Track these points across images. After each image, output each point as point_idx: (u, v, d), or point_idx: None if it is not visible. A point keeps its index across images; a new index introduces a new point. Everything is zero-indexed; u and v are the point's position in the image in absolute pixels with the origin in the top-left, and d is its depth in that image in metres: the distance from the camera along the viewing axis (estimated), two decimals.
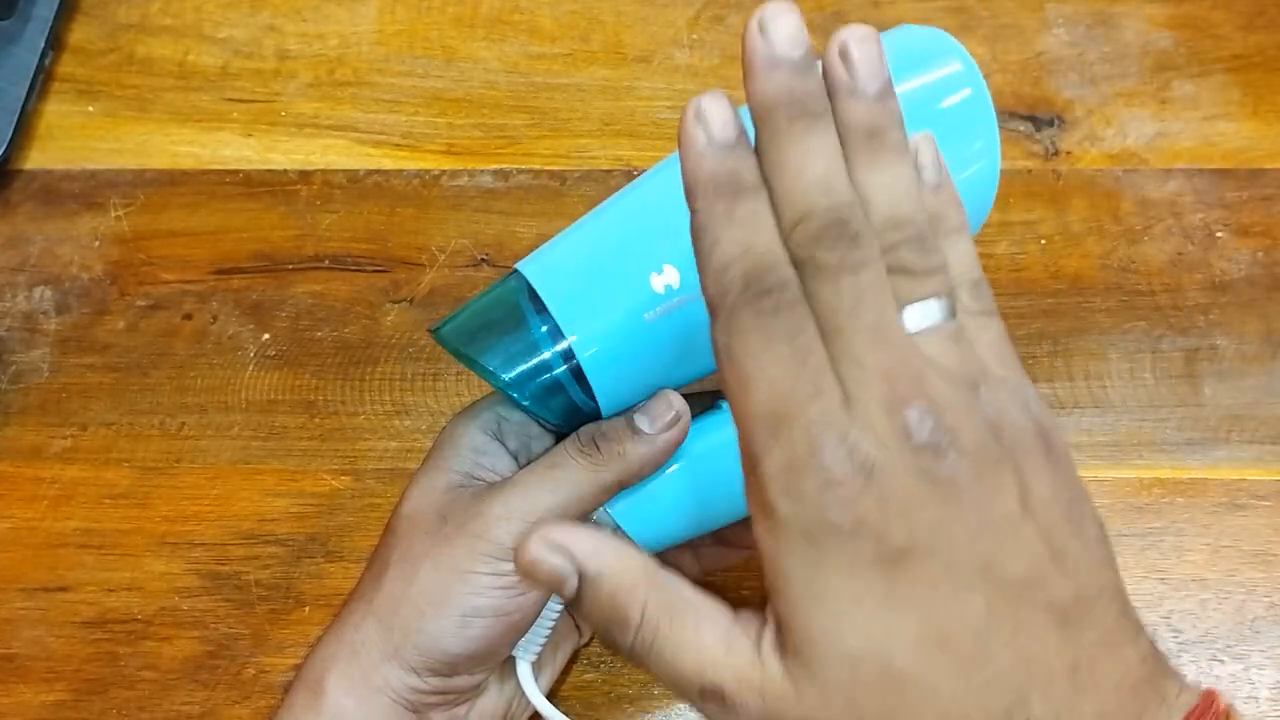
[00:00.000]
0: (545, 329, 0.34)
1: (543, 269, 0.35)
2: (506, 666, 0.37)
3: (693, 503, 0.36)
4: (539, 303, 0.34)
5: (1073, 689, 0.24)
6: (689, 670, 0.26)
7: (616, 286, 0.34)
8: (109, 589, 0.44)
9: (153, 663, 0.43)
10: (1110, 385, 0.46)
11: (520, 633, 0.35)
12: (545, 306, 0.34)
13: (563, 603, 0.27)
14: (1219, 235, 0.49)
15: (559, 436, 0.37)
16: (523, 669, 0.36)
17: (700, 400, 0.37)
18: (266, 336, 0.48)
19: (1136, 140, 0.51)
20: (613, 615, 0.26)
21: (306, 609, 0.43)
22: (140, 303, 0.49)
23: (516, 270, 0.35)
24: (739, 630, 0.26)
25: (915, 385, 0.24)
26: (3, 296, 0.49)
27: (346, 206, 0.51)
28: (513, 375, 0.34)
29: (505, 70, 0.54)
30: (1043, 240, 0.49)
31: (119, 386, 0.47)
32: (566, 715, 0.36)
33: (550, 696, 0.38)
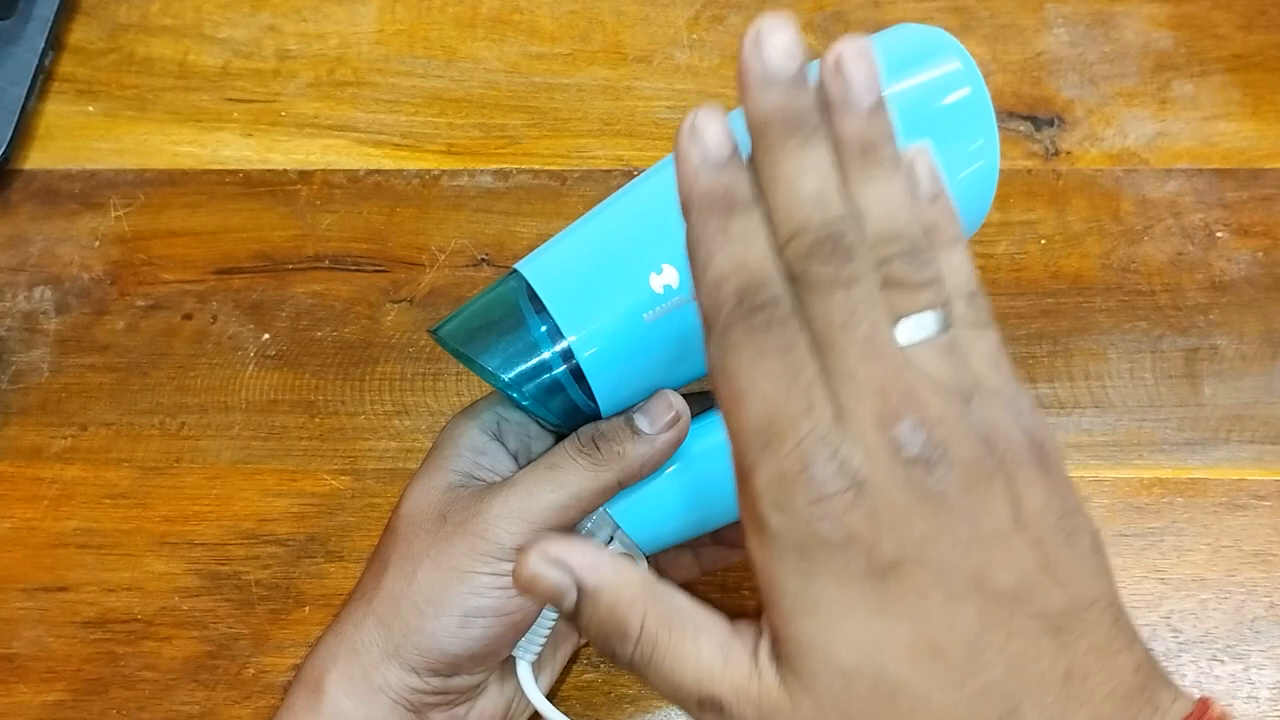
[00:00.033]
0: (545, 329, 0.34)
1: (542, 269, 0.35)
2: (506, 666, 0.37)
3: (692, 503, 0.36)
4: (538, 303, 0.34)
5: (1065, 698, 0.24)
6: (688, 681, 0.26)
7: (616, 286, 0.34)
8: (109, 589, 0.44)
9: (153, 663, 0.43)
10: (1110, 385, 0.46)
11: (520, 633, 0.35)
12: (545, 306, 0.34)
13: (561, 616, 0.28)
14: (1219, 235, 0.49)
15: (559, 436, 0.37)
16: (522, 669, 0.36)
17: (700, 400, 0.37)
18: (266, 336, 0.48)
19: (1136, 140, 0.51)
20: (612, 628, 0.26)
21: (306, 609, 0.43)
22: (140, 303, 0.49)
23: (516, 270, 0.35)
24: (736, 642, 0.26)
25: (906, 399, 0.24)
26: (3, 296, 0.49)
27: (346, 206, 0.51)
28: (512, 375, 0.34)
29: (505, 70, 0.54)
30: (1043, 240, 0.49)
31: (119, 386, 0.48)
32: (566, 715, 0.36)
33: (550, 696, 0.38)
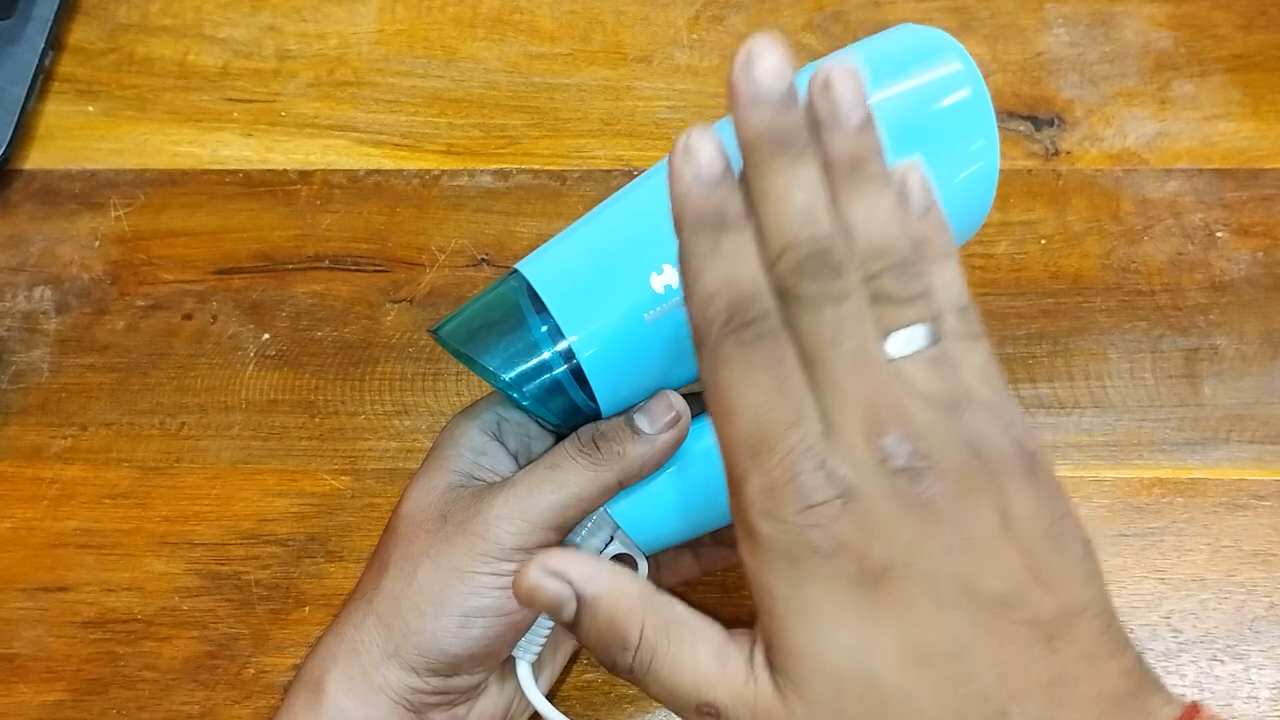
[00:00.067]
0: (545, 329, 0.34)
1: (542, 269, 0.35)
2: (506, 667, 0.37)
3: (693, 503, 0.36)
4: (539, 303, 0.34)
5: (1054, 703, 0.24)
6: (686, 688, 0.26)
7: (616, 286, 0.34)
8: (109, 589, 0.44)
9: (153, 663, 0.43)
10: (1110, 385, 0.46)
11: (520, 633, 0.35)
12: (545, 306, 0.34)
13: (561, 625, 0.28)
14: (1219, 235, 0.49)
15: (559, 437, 0.37)
16: (522, 669, 0.36)
17: (700, 400, 0.37)
18: (266, 336, 0.48)
19: (1136, 140, 0.51)
20: (611, 637, 0.27)
21: (306, 609, 0.43)
22: (140, 303, 0.49)
23: (516, 270, 0.35)
24: (733, 649, 0.27)
25: (894, 411, 0.25)
26: (3, 296, 0.49)
27: (346, 206, 0.51)
28: (513, 375, 0.34)
29: (505, 70, 0.54)
30: (1043, 240, 0.49)
31: (119, 386, 0.48)
32: (566, 715, 0.36)
33: (550, 696, 0.38)
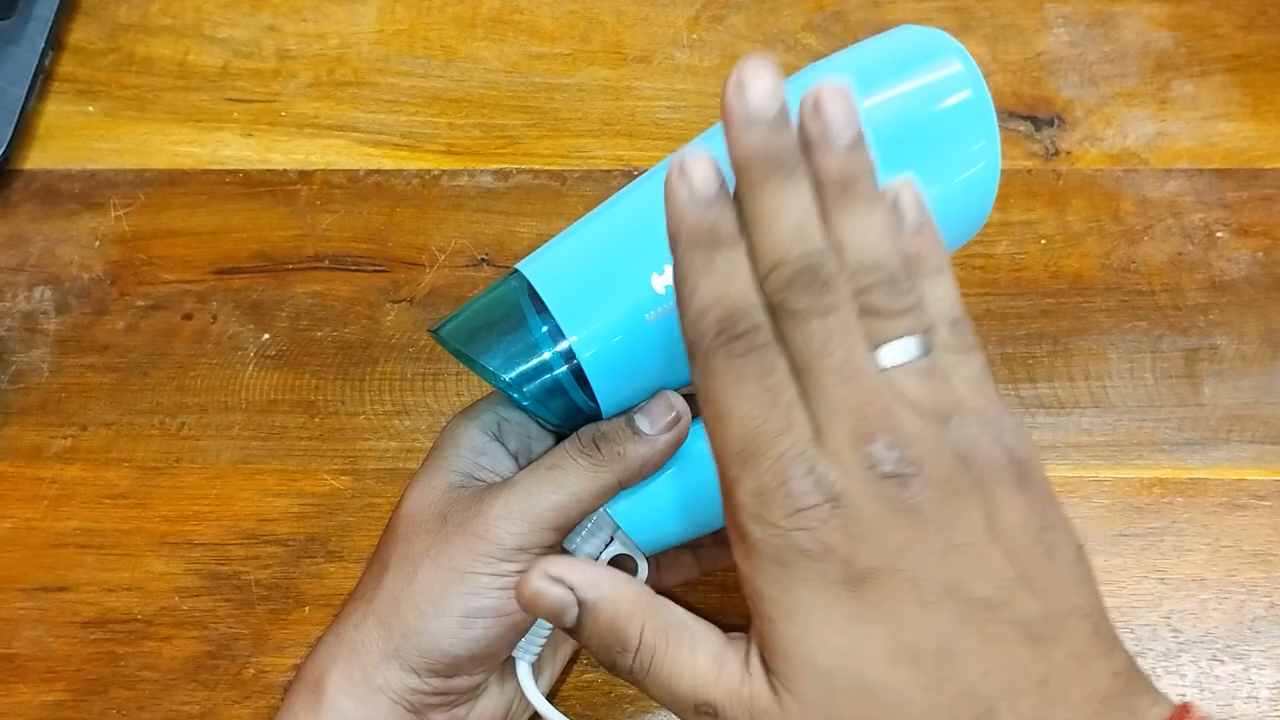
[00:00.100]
0: (546, 329, 0.34)
1: (543, 269, 0.35)
2: (506, 667, 0.37)
3: (693, 503, 0.36)
4: (539, 303, 0.34)
5: (1041, 701, 0.25)
6: (684, 688, 0.27)
7: (617, 287, 0.34)
8: (109, 589, 0.44)
9: (153, 663, 0.43)
10: (1110, 385, 0.46)
11: (520, 633, 0.35)
12: (546, 306, 0.34)
13: (563, 630, 0.29)
14: (1219, 235, 0.49)
15: (559, 437, 0.37)
16: (522, 670, 0.36)
17: None
18: (266, 336, 0.48)
19: (1136, 140, 0.51)
20: (612, 639, 0.28)
21: (306, 609, 0.43)
22: (140, 303, 0.49)
23: (517, 270, 0.35)
24: (730, 650, 0.28)
25: (881, 419, 0.25)
26: (3, 296, 0.49)
27: (346, 206, 0.51)
28: (513, 375, 0.34)
29: (505, 70, 0.54)
30: (1043, 240, 0.49)
31: (119, 386, 0.48)
32: (566, 715, 0.36)
33: (550, 697, 0.38)
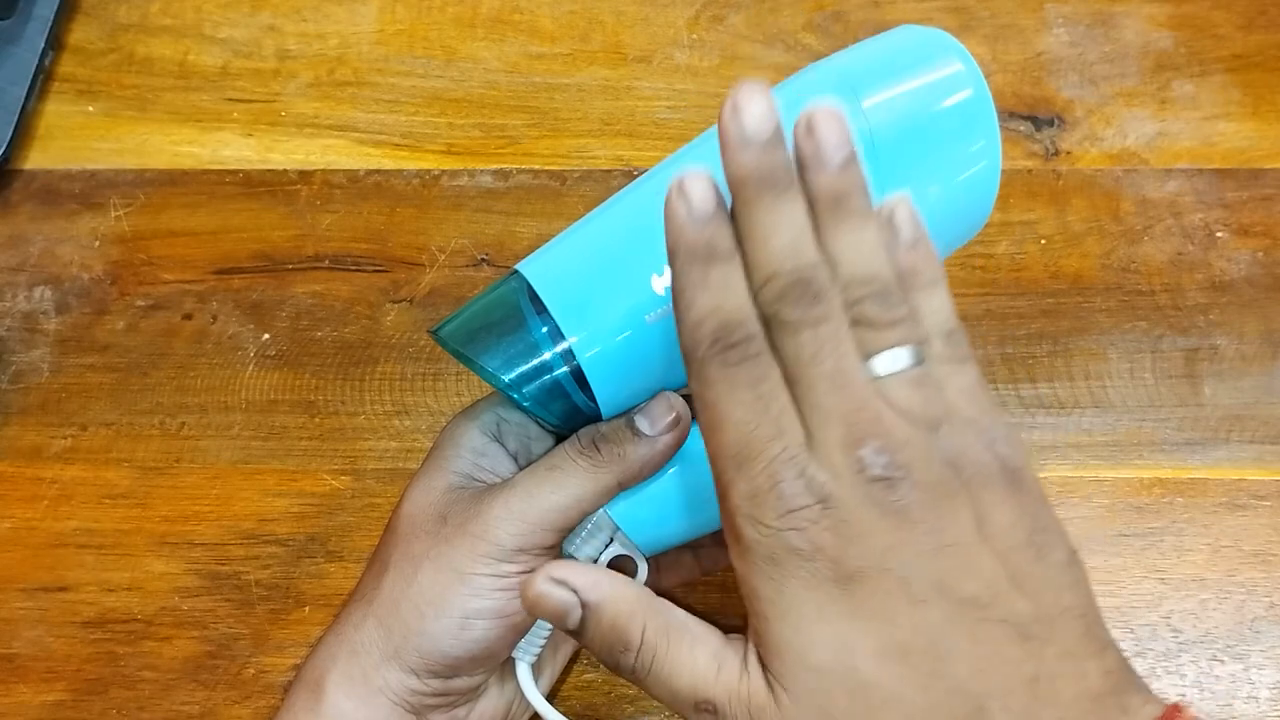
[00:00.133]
0: (545, 330, 0.34)
1: (543, 270, 0.35)
2: (506, 668, 0.37)
3: (693, 504, 0.36)
4: (539, 303, 0.34)
5: (1032, 699, 0.25)
6: (684, 687, 0.28)
7: (617, 288, 0.34)
8: (109, 589, 0.44)
9: (153, 663, 0.43)
10: (1110, 385, 0.46)
11: (520, 634, 0.35)
12: (545, 307, 0.34)
13: (566, 632, 0.30)
14: (1219, 235, 0.49)
15: (559, 438, 0.37)
16: (522, 670, 0.36)
17: None
18: (266, 336, 0.48)
19: (1136, 140, 0.51)
20: (614, 639, 0.29)
21: (306, 609, 0.43)
22: (140, 303, 0.49)
23: (516, 271, 0.35)
24: (729, 650, 0.28)
25: (871, 425, 0.26)
26: (3, 296, 0.49)
27: (346, 206, 0.51)
28: (513, 376, 0.34)
29: (505, 70, 0.54)
30: (1043, 240, 0.49)
31: (119, 386, 0.48)
32: (566, 716, 0.36)
33: (550, 697, 0.38)
